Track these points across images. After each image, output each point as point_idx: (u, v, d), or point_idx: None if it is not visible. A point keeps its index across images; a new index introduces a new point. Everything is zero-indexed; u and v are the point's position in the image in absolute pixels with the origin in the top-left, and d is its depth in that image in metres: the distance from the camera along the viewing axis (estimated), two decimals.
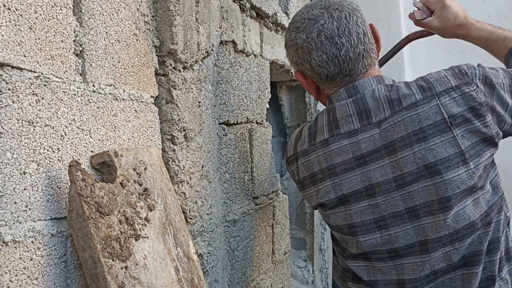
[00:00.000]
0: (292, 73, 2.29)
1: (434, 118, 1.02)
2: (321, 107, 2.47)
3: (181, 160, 1.23)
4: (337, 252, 1.24)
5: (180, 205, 1.19)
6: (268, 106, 1.91)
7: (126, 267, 0.84)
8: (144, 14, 1.16)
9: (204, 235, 1.32)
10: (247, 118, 1.71)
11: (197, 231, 1.28)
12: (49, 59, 0.86)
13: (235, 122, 1.62)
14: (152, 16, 1.20)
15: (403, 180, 1.05)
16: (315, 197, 1.17)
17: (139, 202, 0.95)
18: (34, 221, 0.79)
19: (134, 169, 0.98)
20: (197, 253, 1.18)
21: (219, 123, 1.51)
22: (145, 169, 1.02)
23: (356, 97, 1.10)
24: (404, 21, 2.42)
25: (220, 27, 1.50)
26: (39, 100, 0.82)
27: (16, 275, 0.74)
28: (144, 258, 0.89)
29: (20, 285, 0.75)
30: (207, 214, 1.34)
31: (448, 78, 1.06)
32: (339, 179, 1.11)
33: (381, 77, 1.14)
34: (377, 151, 1.07)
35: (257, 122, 1.80)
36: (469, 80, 1.05)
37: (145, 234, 0.93)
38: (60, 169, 0.86)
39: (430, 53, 2.40)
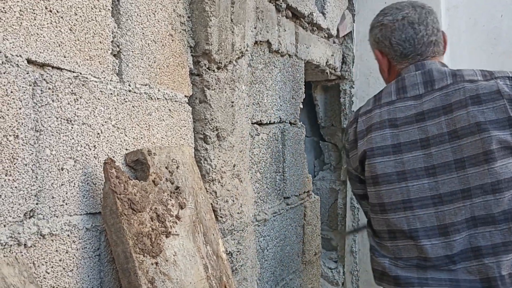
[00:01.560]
0: (327, 73, 2.27)
1: (490, 89, 1.21)
2: (355, 107, 2.44)
3: (213, 159, 1.25)
4: (372, 215, 1.34)
5: (211, 204, 1.21)
6: (302, 106, 1.91)
7: (156, 263, 0.86)
8: (180, 15, 1.18)
9: (234, 234, 1.33)
10: (280, 118, 1.71)
11: (227, 229, 1.30)
12: (87, 60, 0.89)
13: (268, 122, 1.62)
14: (188, 17, 1.22)
15: (455, 134, 1.22)
16: (364, 146, 1.31)
17: (171, 200, 0.97)
18: (70, 216, 0.82)
19: (166, 168, 1.01)
20: (226, 251, 1.19)
21: (252, 123, 1.52)
22: (177, 167, 1.04)
23: (423, 70, 1.31)
24: (445, 21, 2.35)
25: (255, 27, 1.51)
26: (77, 99, 0.85)
27: (52, 267, 0.78)
28: (174, 255, 0.91)
29: (56, 277, 0.78)
30: (238, 213, 1.36)
31: (507, 72, 1.27)
32: (398, 130, 1.28)
33: (445, 64, 1.35)
34: (435, 110, 1.25)
35: (290, 122, 1.80)
36: None
37: (176, 231, 0.95)
38: (96, 166, 0.89)
39: (472, 55, 2.33)
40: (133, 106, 1.00)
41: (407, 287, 1.25)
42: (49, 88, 0.80)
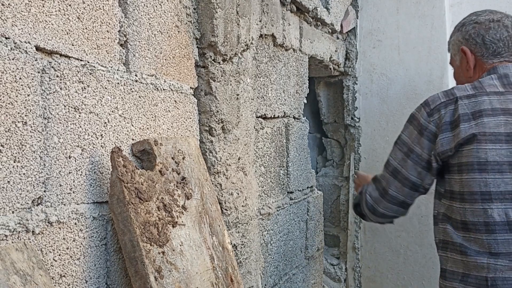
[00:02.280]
0: (330, 69, 2.27)
1: None
2: (358, 104, 2.43)
3: (218, 152, 1.24)
4: (464, 205, 1.25)
5: (216, 196, 1.21)
6: (305, 101, 1.90)
7: (163, 252, 0.86)
8: (186, 7, 1.18)
9: (239, 227, 1.33)
10: (284, 113, 1.71)
11: (231, 222, 1.29)
12: (95, 48, 0.89)
13: (272, 116, 1.62)
14: (194, 9, 1.22)
15: None
16: (473, 129, 1.24)
17: (177, 190, 0.97)
18: (78, 204, 0.82)
19: (172, 158, 1.00)
20: (231, 243, 1.19)
21: (257, 117, 1.52)
22: (183, 158, 1.04)
23: None
24: (448, 18, 2.35)
25: (260, 21, 1.50)
26: (85, 88, 0.85)
27: (59, 255, 0.78)
28: (180, 245, 0.91)
29: (63, 265, 0.78)
30: (242, 206, 1.35)
31: None
32: None
33: None
34: None
35: (294, 117, 1.80)
36: None
37: (182, 221, 0.94)
38: (103, 155, 0.89)
39: None
40: (139, 96, 1.00)
41: None
42: (57, 76, 0.80)
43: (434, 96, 1.35)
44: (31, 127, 0.74)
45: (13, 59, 0.71)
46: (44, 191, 0.76)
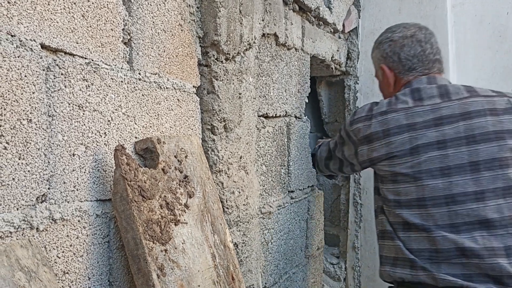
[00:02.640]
0: (332, 68, 2.27)
1: (505, 104, 1.35)
2: (360, 103, 2.44)
3: (220, 150, 1.25)
4: (387, 209, 1.43)
5: (218, 194, 1.21)
6: (307, 101, 1.91)
7: (165, 250, 0.86)
8: (189, 5, 1.18)
9: (240, 225, 1.34)
10: (286, 112, 1.71)
11: (233, 221, 1.30)
12: (99, 47, 0.89)
13: (274, 115, 1.62)
14: (197, 7, 1.22)
15: (473, 139, 1.31)
16: (384, 148, 1.40)
17: (179, 189, 0.98)
18: (81, 201, 0.83)
19: (175, 156, 1.01)
20: (232, 242, 1.20)
21: (258, 116, 1.52)
22: (186, 156, 1.04)
23: (438, 84, 1.42)
24: (450, 18, 2.35)
25: (262, 20, 1.51)
26: (89, 86, 0.86)
27: (63, 252, 0.78)
28: (182, 243, 0.91)
29: (66, 262, 0.79)
30: (244, 204, 1.36)
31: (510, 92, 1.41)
32: (416, 133, 1.36)
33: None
34: (454, 116, 1.35)
35: (295, 116, 1.80)
36: None
37: (185, 219, 0.95)
38: (106, 153, 0.89)
39: (478, 52, 2.33)
40: (142, 95, 1.01)
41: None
42: (62, 74, 0.80)
43: (362, 107, 1.53)
44: (36, 124, 0.74)
45: (18, 57, 0.71)
46: (48, 189, 0.76)
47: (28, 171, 0.72)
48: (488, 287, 1.23)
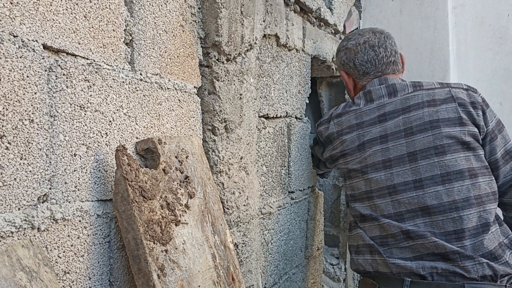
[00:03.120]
0: (333, 69, 2.27)
1: (445, 94, 1.43)
2: None
3: (221, 151, 1.25)
4: (349, 203, 1.56)
5: (218, 195, 1.21)
6: (307, 102, 1.91)
7: (166, 251, 0.86)
8: (191, 6, 1.18)
9: (240, 226, 1.34)
10: (287, 113, 1.71)
11: (233, 221, 1.30)
12: (101, 47, 0.89)
13: (275, 116, 1.62)
14: (199, 8, 1.22)
15: (410, 131, 1.40)
16: (339, 147, 1.54)
17: (180, 189, 0.98)
18: (82, 201, 0.83)
19: (176, 157, 1.01)
20: (232, 242, 1.20)
21: (259, 116, 1.52)
22: (187, 157, 1.05)
23: (387, 84, 1.53)
24: (451, 20, 2.35)
25: (264, 21, 1.51)
26: (90, 86, 0.86)
27: (64, 252, 0.78)
28: (183, 243, 0.92)
29: (67, 262, 0.79)
30: (244, 205, 1.36)
31: (462, 84, 1.48)
32: (363, 131, 1.48)
33: (404, 80, 1.57)
34: (395, 112, 1.45)
35: (296, 117, 1.81)
36: (474, 91, 1.48)
37: (185, 220, 0.95)
38: (107, 153, 0.89)
39: (478, 54, 2.33)
40: (144, 95, 1.01)
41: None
42: (64, 74, 0.80)
43: (331, 109, 1.66)
44: (38, 125, 0.74)
45: (20, 57, 0.72)
46: (50, 189, 0.76)
47: (30, 171, 0.72)
48: (437, 264, 1.31)
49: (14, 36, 0.71)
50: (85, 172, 0.84)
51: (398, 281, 1.36)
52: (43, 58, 0.76)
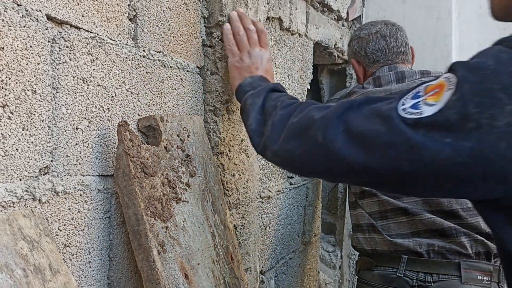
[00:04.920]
0: (334, 56, 2.26)
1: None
2: None
3: (222, 132, 1.24)
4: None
5: (219, 176, 1.21)
6: (309, 87, 1.90)
7: (166, 227, 0.86)
8: None
9: (239, 208, 1.34)
10: None
11: (232, 203, 1.30)
12: (104, 21, 0.88)
13: None
14: None
15: None
16: None
17: (181, 167, 0.98)
18: (83, 176, 0.82)
19: (177, 135, 1.00)
20: (232, 223, 1.20)
21: None
22: (188, 136, 1.04)
23: (396, 71, 1.57)
24: (455, 10, 2.34)
25: (267, 3, 1.49)
26: (93, 60, 0.85)
27: (64, 225, 0.78)
28: (183, 221, 0.92)
29: (67, 235, 0.79)
30: (243, 187, 1.36)
31: None
32: None
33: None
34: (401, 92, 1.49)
35: None
36: None
37: (186, 198, 0.95)
38: (109, 128, 0.89)
39: (481, 45, 2.32)
40: (146, 72, 1.00)
41: None
42: (67, 47, 0.79)
43: (339, 92, 1.76)
44: (40, 96, 0.74)
45: (24, 27, 0.71)
46: (51, 161, 0.76)
47: (32, 142, 0.72)
48: (434, 241, 1.36)
49: (18, 5, 0.70)
50: (87, 147, 0.83)
51: (396, 258, 1.40)
52: (46, 29, 0.75)
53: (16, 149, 0.69)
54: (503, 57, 0.68)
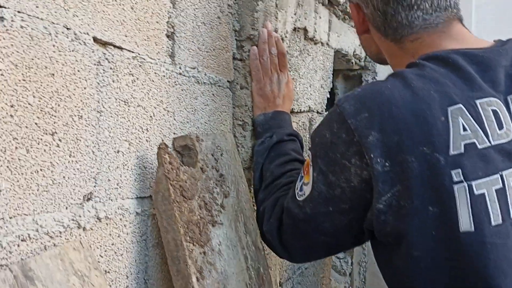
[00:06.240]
0: (352, 62, 2.24)
1: None
2: None
3: (250, 147, 1.23)
4: None
5: (250, 193, 1.20)
6: (329, 96, 1.88)
7: (204, 253, 0.85)
8: None
9: None
10: (309, 107, 1.69)
11: None
12: (145, 40, 0.86)
13: (299, 111, 1.60)
14: (235, 0, 1.19)
15: None
16: None
17: (216, 188, 0.96)
18: (123, 199, 0.81)
19: (212, 155, 0.99)
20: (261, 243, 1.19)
21: None
22: (221, 154, 1.03)
23: None
24: (474, 18, 2.33)
25: (295, 14, 1.47)
26: (134, 80, 0.83)
27: (105, 251, 0.77)
28: (219, 245, 0.90)
29: (108, 261, 0.77)
30: None
31: None
32: None
33: None
34: None
35: (317, 112, 1.78)
36: None
37: (221, 220, 0.94)
38: (147, 150, 0.87)
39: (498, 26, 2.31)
40: (182, 90, 0.98)
41: None
42: (111, 68, 0.77)
43: None
44: (86, 121, 0.72)
45: (72, 51, 0.69)
46: (94, 187, 0.74)
47: (77, 169, 0.70)
48: None
49: (67, 29, 0.68)
50: (127, 169, 0.82)
51: None
52: (93, 52, 0.73)
53: (63, 177, 0.68)
54: (334, 127, 0.81)
